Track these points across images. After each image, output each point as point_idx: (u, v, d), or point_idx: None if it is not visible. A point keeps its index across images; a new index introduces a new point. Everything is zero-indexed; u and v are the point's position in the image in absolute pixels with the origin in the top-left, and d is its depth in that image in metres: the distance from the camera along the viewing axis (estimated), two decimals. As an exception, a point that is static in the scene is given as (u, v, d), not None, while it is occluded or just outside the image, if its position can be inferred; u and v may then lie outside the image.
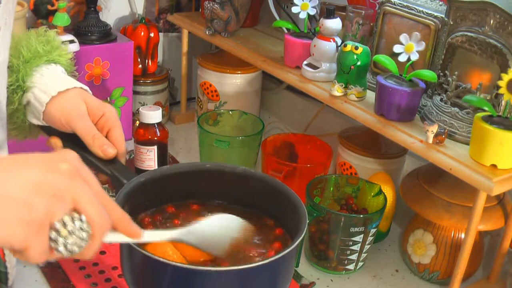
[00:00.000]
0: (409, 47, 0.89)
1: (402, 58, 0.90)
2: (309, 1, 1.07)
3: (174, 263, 0.63)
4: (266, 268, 0.66)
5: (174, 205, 0.81)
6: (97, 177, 0.56)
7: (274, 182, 0.80)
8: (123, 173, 0.74)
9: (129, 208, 0.74)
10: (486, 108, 0.79)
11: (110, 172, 0.74)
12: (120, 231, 0.58)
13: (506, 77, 0.76)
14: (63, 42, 0.95)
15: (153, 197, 0.79)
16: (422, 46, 0.89)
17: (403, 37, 0.90)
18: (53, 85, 0.76)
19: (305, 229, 0.70)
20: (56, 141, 0.77)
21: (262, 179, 0.81)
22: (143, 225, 0.77)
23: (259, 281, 0.66)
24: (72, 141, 0.76)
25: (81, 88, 0.78)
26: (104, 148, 0.74)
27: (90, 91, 0.79)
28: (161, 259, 0.63)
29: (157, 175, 0.79)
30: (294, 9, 1.08)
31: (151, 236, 0.64)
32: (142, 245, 0.66)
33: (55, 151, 0.53)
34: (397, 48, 0.90)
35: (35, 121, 0.78)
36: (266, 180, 0.80)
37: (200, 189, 0.82)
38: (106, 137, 0.76)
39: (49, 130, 0.78)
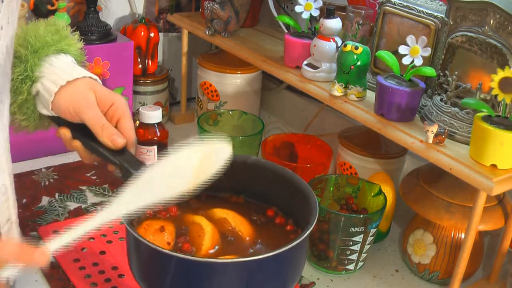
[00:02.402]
0: (415, 50, 0.88)
1: (406, 61, 0.89)
2: (313, 2, 1.07)
3: (178, 255, 0.63)
4: (274, 260, 0.64)
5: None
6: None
7: (285, 172, 0.79)
8: (132, 164, 0.73)
9: None
10: (485, 110, 0.79)
11: (119, 162, 0.73)
12: (25, 264, 0.58)
13: (496, 77, 0.76)
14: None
15: None
16: (427, 52, 0.87)
17: (409, 39, 0.88)
18: (62, 75, 0.75)
19: (316, 219, 0.69)
20: (65, 132, 0.76)
21: (273, 169, 0.80)
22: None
23: (267, 274, 0.65)
24: (81, 131, 0.75)
25: (90, 77, 0.77)
26: (113, 138, 0.73)
27: (99, 81, 0.78)
28: (166, 251, 0.63)
29: None
30: (298, 8, 1.07)
31: (58, 243, 0.61)
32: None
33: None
34: (402, 49, 0.89)
35: (45, 112, 0.77)
36: (277, 170, 0.79)
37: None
38: (116, 127, 0.75)
39: (59, 121, 0.77)
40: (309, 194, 0.74)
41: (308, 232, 0.67)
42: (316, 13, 1.07)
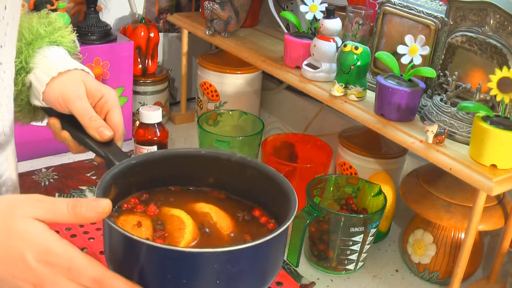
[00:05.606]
0: (413, 49, 0.88)
1: (405, 60, 0.89)
2: (319, 4, 1.06)
3: (149, 243, 0.61)
4: (245, 253, 0.62)
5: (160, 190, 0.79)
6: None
7: (269, 170, 0.77)
8: (117, 156, 0.73)
9: (117, 189, 0.72)
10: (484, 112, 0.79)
11: (104, 154, 0.73)
12: None
13: (494, 78, 0.76)
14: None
15: (145, 181, 0.77)
16: (426, 50, 0.88)
17: (408, 38, 0.88)
18: (54, 66, 0.76)
19: (293, 216, 0.68)
20: (55, 122, 0.77)
21: (258, 167, 0.79)
22: (130, 207, 0.75)
23: (239, 267, 0.63)
24: (70, 122, 0.75)
25: (82, 70, 0.78)
26: (100, 130, 0.73)
27: (91, 73, 0.79)
28: (138, 238, 0.61)
29: (149, 158, 0.77)
30: (303, 8, 1.07)
31: None
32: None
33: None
34: (401, 49, 0.89)
35: (37, 103, 0.78)
36: (261, 168, 0.78)
37: (193, 175, 0.80)
38: (105, 119, 0.76)
39: (50, 112, 0.78)
40: (289, 192, 0.72)
41: (282, 228, 0.65)
42: (319, 15, 1.07)
